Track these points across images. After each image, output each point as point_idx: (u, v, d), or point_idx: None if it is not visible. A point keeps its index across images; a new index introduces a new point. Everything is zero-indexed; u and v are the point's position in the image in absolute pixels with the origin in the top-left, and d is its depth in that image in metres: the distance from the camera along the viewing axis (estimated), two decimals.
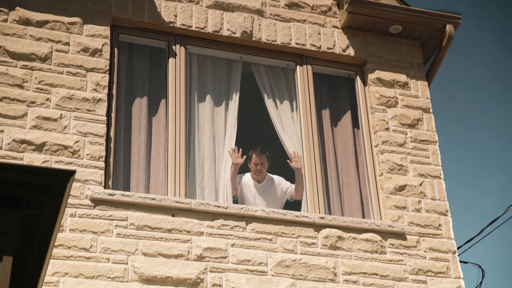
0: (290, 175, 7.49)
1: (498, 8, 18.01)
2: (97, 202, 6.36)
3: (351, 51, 7.84)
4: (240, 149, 7.32)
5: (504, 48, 18.20)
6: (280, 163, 7.67)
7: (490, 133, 18.77)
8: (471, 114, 19.10)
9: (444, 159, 7.60)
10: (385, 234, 6.98)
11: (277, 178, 7.60)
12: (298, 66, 7.72)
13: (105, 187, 6.52)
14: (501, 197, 18.61)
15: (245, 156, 7.37)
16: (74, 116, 6.65)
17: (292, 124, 7.54)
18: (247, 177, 7.54)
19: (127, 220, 6.36)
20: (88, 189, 6.37)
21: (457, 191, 17.88)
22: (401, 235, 7.02)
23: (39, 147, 6.42)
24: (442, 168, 7.51)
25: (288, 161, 7.34)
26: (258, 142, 7.93)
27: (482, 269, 9.74)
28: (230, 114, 7.43)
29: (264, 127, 7.81)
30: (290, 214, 6.78)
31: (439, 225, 7.18)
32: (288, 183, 7.52)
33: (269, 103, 7.60)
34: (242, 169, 7.39)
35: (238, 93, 7.54)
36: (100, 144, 6.60)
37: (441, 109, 17.72)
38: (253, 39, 7.58)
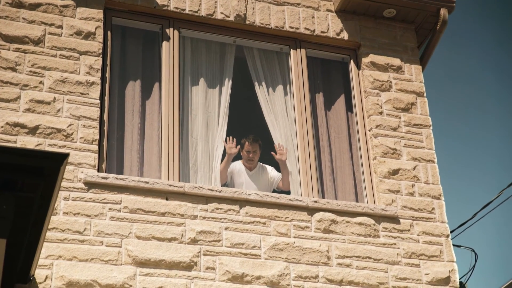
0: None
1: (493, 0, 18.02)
2: (90, 185, 6.35)
3: (345, 35, 7.82)
4: (234, 139, 7.32)
5: (500, 40, 18.23)
6: (273, 150, 7.66)
7: (484, 121, 18.82)
8: (466, 103, 19.14)
9: (438, 145, 7.61)
10: (379, 218, 7.00)
11: (268, 167, 7.61)
12: (291, 50, 7.70)
13: (98, 171, 6.51)
14: (494, 181, 18.69)
15: (239, 146, 7.37)
16: (67, 100, 6.63)
17: (285, 108, 7.53)
18: (239, 165, 7.54)
19: (120, 204, 6.35)
20: (82, 172, 6.36)
21: (451, 176, 17.94)
22: (394, 219, 7.03)
23: (32, 130, 6.40)
24: (436, 153, 7.51)
25: (273, 153, 7.34)
26: (251, 128, 7.92)
27: (475, 253, 9.76)
28: (223, 97, 7.42)
29: (258, 112, 7.78)
30: (284, 198, 6.78)
31: (433, 209, 7.20)
32: (276, 173, 7.54)
33: (261, 87, 7.58)
34: (234, 156, 7.40)
35: (232, 77, 7.53)
36: (94, 127, 6.59)
37: (435, 97, 17.74)
38: (247, 22, 7.55)
